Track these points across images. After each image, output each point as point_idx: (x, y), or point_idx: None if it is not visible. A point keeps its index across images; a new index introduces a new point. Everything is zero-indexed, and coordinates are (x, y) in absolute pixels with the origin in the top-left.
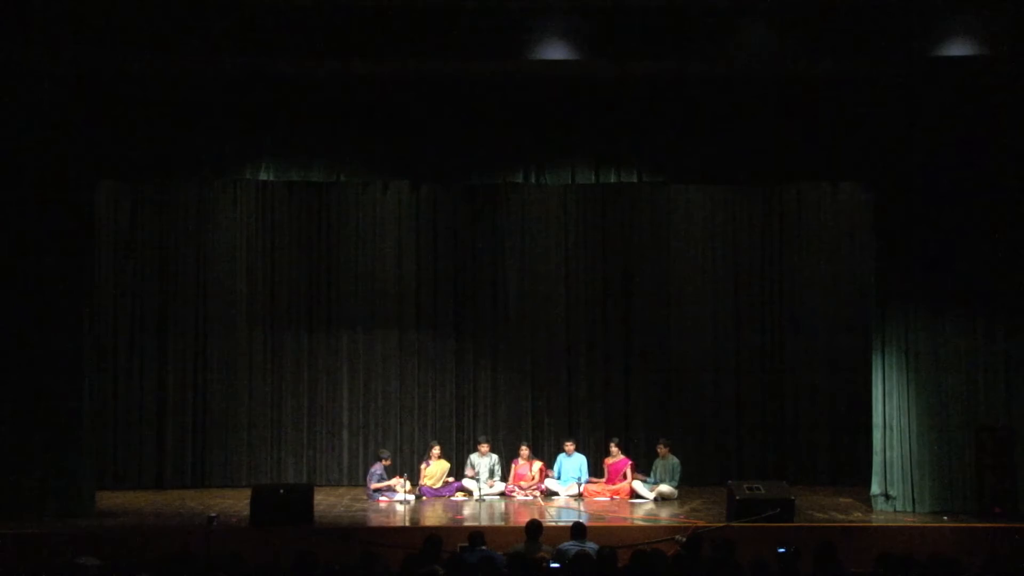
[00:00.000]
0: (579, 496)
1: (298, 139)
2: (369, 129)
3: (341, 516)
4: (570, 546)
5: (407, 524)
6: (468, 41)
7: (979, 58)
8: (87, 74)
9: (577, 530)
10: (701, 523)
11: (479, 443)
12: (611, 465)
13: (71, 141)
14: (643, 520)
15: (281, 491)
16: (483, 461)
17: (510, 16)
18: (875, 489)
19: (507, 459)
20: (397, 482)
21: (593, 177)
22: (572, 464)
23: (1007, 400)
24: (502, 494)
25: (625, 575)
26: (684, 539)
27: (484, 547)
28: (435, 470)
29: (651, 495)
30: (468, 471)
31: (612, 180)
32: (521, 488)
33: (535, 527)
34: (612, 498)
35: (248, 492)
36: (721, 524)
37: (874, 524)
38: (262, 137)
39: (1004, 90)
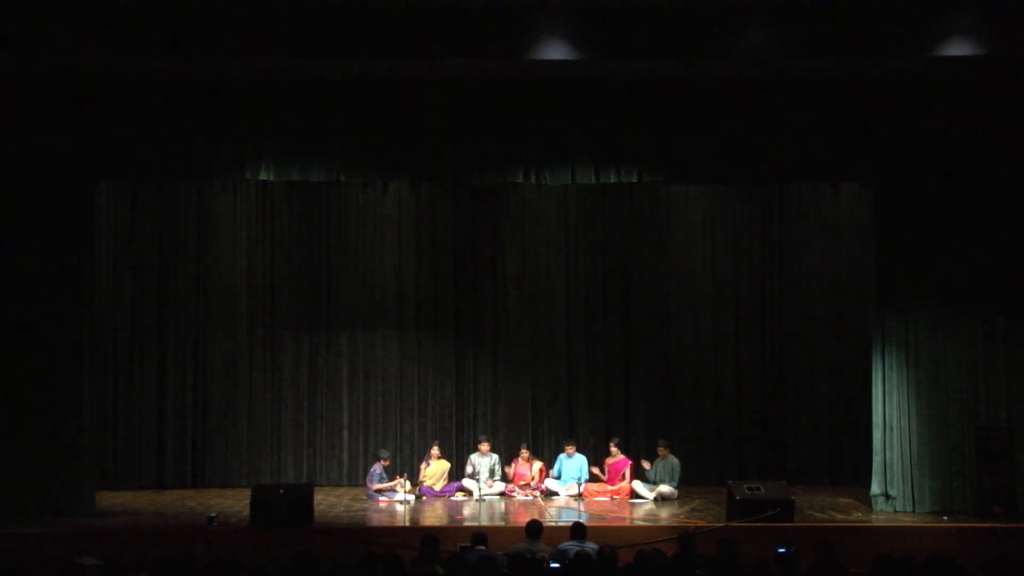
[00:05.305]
0: (579, 496)
1: (298, 139)
2: (369, 129)
3: (341, 516)
4: (570, 546)
5: (407, 524)
6: (468, 41)
7: (979, 58)
8: (87, 74)
9: (577, 530)
10: (701, 523)
11: (479, 443)
12: (611, 465)
13: (71, 141)
14: (643, 520)
15: (281, 491)
16: (483, 461)
17: (510, 16)
18: (875, 489)
19: (507, 459)
20: (398, 483)
21: (593, 177)
22: (573, 465)
23: (1007, 400)
24: (502, 494)
25: (625, 575)
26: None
27: (484, 547)
28: (435, 470)
29: (651, 495)
30: (468, 470)
31: (612, 180)
32: (521, 488)
33: (535, 527)
34: (612, 498)
35: (248, 492)
36: (721, 524)
37: (874, 524)
38: (262, 137)
39: (1004, 90)
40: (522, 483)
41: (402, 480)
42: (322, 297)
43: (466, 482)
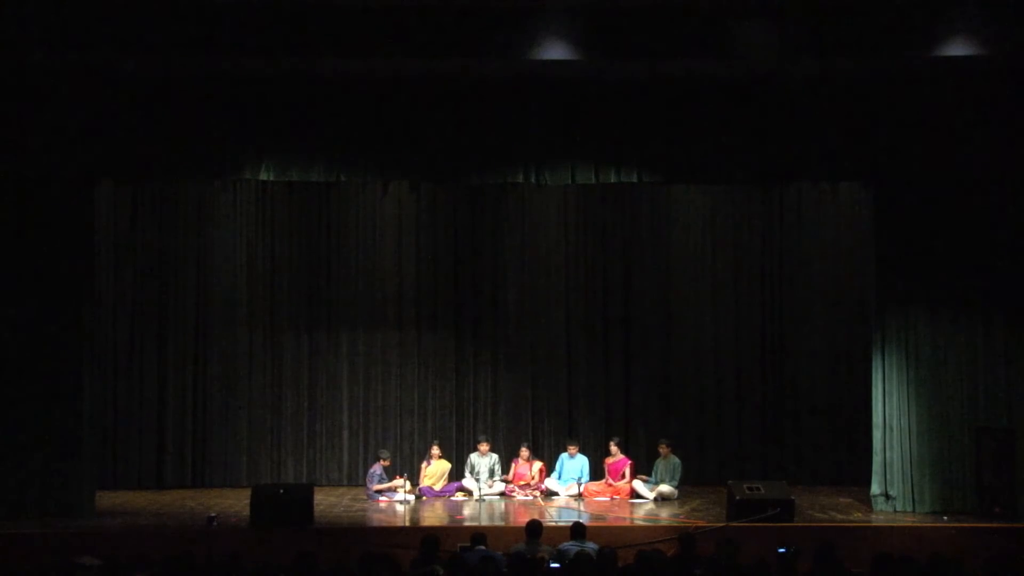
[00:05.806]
0: (579, 496)
1: (298, 139)
2: (369, 129)
3: (341, 516)
4: (570, 546)
5: (407, 524)
6: (468, 41)
7: (979, 58)
8: (87, 74)
9: (577, 530)
10: (701, 523)
11: (479, 443)
12: (611, 465)
13: (71, 141)
14: (643, 520)
15: (281, 491)
16: (483, 461)
17: (510, 16)
18: (875, 489)
19: (507, 459)
20: (398, 483)
21: (593, 177)
22: (574, 465)
23: (1007, 400)
24: (502, 494)
25: (625, 575)
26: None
27: (484, 547)
28: (435, 470)
29: (651, 495)
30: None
31: (612, 180)
32: (521, 488)
33: (535, 527)
34: (612, 498)
35: (248, 492)
36: (721, 524)
37: (874, 524)
38: (262, 137)
39: (1004, 90)
40: (522, 483)
41: (402, 480)
42: (322, 297)
43: (466, 482)
